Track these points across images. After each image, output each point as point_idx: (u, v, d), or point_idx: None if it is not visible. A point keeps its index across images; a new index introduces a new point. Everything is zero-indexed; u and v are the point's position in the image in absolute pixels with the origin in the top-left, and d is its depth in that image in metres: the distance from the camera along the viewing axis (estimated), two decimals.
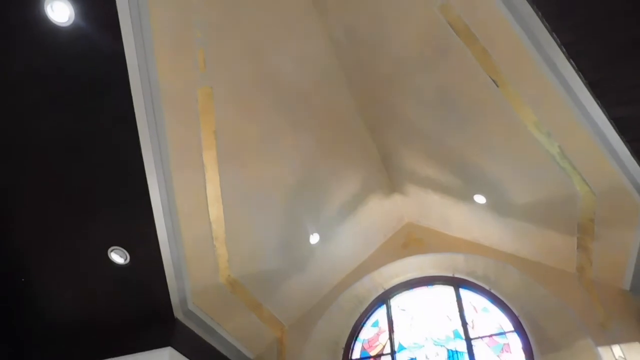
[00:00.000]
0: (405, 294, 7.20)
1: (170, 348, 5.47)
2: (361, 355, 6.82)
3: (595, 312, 5.74)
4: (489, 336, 6.34)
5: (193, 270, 5.47)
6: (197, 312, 5.83)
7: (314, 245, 6.62)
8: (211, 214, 5.35)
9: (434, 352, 6.47)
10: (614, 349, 5.50)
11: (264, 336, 6.94)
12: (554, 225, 5.78)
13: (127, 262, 5.14)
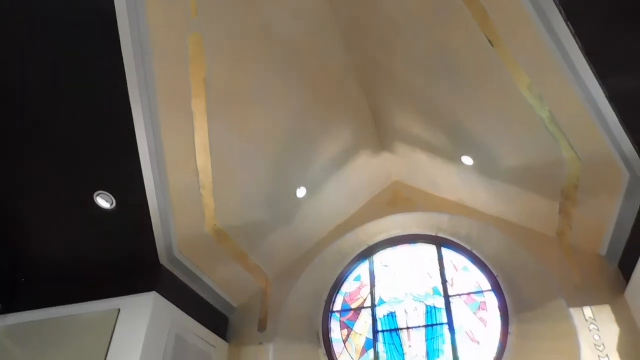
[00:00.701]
0: (388, 251, 7.34)
1: (155, 293, 5.56)
2: (342, 307, 7.01)
3: (571, 275, 5.91)
4: (467, 294, 6.53)
5: (179, 217, 5.50)
6: (182, 259, 5.90)
7: (301, 199, 6.66)
8: (199, 162, 5.33)
9: (413, 307, 6.66)
10: (584, 310, 5.69)
11: (248, 286, 7.07)
12: (538, 190, 5.86)
13: (113, 207, 5.14)
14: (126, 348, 5.22)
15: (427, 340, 6.33)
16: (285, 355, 6.53)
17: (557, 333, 5.66)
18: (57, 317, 5.73)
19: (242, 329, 6.96)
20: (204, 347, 6.27)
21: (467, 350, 6.09)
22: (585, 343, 5.46)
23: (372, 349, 6.45)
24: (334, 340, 6.69)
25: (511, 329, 5.94)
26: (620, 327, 5.45)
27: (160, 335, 5.52)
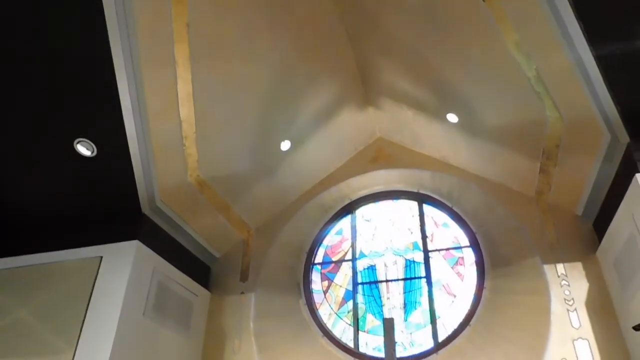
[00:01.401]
0: (370, 206, 7.42)
1: (138, 241, 5.59)
2: (323, 259, 7.13)
3: (547, 234, 6.08)
4: (446, 249, 6.68)
5: (161, 167, 5.46)
6: (164, 209, 5.90)
7: (285, 151, 6.64)
8: (181, 112, 5.24)
9: (393, 261, 6.81)
10: (557, 267, 5.89)
11: (230, 237, 7.13)
12: (520, 149, 5.92)
13: (94, 155, 5.07)
14: (109, 295, 5.29)
15: (405, 293, 6.52)
16: (267, 305, 6.68)
17: (530, 288, 5.86)
18: (40, 264, 5.74)
19: (224, 279, 7.07)
20: (186, 295, 6.37)
21: (443, 303, 6.29)
22: (556, 297, 5.68)
23: (352, 300, 6.62)
24: (314, 292, 6.84)
25: (486, 283, 6.13)
26: (590, 283, 5.67)
27: (142, 283, 5.58)
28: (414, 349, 6.07)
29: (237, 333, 6.55)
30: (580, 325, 5.47)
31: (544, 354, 5.39)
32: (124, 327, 5.14)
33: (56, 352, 5.07)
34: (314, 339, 6.29)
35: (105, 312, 5.17)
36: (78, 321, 5.19)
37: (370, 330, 6.35)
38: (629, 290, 4.92)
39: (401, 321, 6.30)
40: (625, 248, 4.92)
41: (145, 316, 5.53)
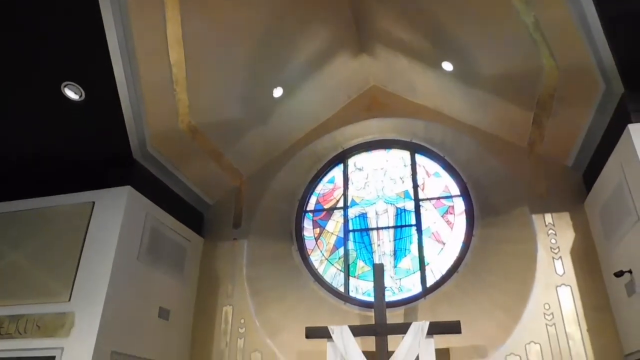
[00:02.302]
0: (363, 155, 7.42)
1: (130, 187, 5.59)
2: (315, 207, 7.20)
3: (537, 184, 6.14)
4: (437, 199, 6.75)
5: (152, 112, 5.39)
6: (156, 155, 5.88)
7: (277, 98, 6.55)
8: (171, 56, 5.12)
9: (384, 209, 6.89)
10: (545, 216, 6.00)
11: (222, 184, 7.15)
12: (515, 99, 5.88)
13: (83, 99, 4.98)
14: (102, 239, 5.35)
15: (395, 240, 6.64)
16: (259, 251, 6.79)
17: (517, 237, 5.98)
18: (33, 209, 5.77)
19: (217, 226, 7.15)
20: (179, 241, 6.45)
21: (432, 250, 6.42)
22: (542, 246, 5.82)
23: (343, 247, 6.75)
24: (306, 238, 6.95)
25: (475, 232, 6.24)
26: (576, 233, 5.80)
27: (135, 228, 5.64)
28: (402, 294, 6.25)
29: (230, 278, 6.69)
30: (564, 273, 5.64)
31: (528, 299, 5.57)
32: (118, 270, 5.23)
33: (53, 295, 5.18)
34: (306, 284, 6.44)
35: (99, 256, 5.25)
36: (73, 264, 5.27)
37: (360, 276, 6.51)
38: (613, 239, 5.03)
39: (391, 267, 6.45)
40: (612, 198, 5.00)
41: (139, 260, 5.62)
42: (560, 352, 5.27)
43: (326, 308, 6.17)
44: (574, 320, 5.39)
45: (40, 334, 4.99)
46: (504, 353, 5.40)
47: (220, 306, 6.54)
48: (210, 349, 6.33)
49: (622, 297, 4.95)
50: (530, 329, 5.45)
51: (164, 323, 5.91)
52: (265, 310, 6.36)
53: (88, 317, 4.93)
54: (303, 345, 5.87)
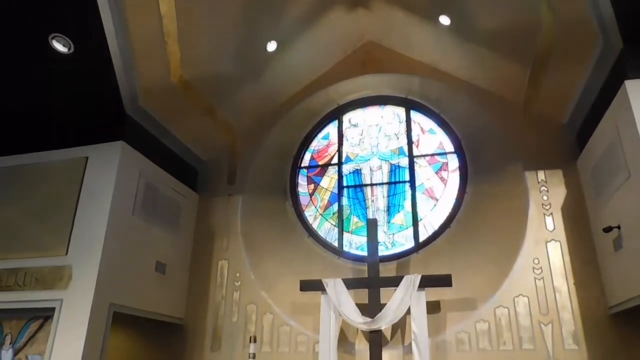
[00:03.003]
0: (358, 111, 7.37)
1: (122, 142, 5.56)
2: (310, 164, 7.20)
3: (531, 142, 6.16)
4: (431, 155, 6.77)
5: (143, 66, 5.29)
6: (148, 110, 5.82)
7: (271, 53, 6.43)
8: (162, 7, 4.98)
9: (378, 165, 6.91)
10: (538, 173, 6.05)
11: (216, 140, 7.12)
12: (512, 55, 5.81)
13: (71, 52, 4.87)
14: (97, 194, 5.36)
15: (389, 196, 6.69)
16: (254, 207, 6.84)
17: (510, 193, 6.04)
18: (26, 165, 5.75)
19: (212, 182, 7.17)
20: (174, 196, 6.48)
21: (425, 206, 6.48)
22: (534, 202, 5.89)
23: (337, 203, 6.80)
24: (300, 194, 6.99)
25: (469, 188, 6.29)
26: (568, 190, 5.87)
27: (130, 184, 5.64)
28: (395, 249, 6.35)
29: (225, 233, 6.77)
30: (555, 228, 5.74)
31: (518, 254, 5.70)
32: (114, 224, 5.27)
33: (50, 249, 5.23)
34: (300, 239, 6.53)
35: (94, 211, 5.27)
36: (68, 219, 5.30)
37: (354, 231, 6.59)
38: (603, 196, 5.10)
39: (384, 223, 6.53)
40: (604, 156, 5.03)
41: (135, 215, 5.65)
42: (547, 304, 5.44)
43: (320, 262, 6.28)
44: (562, 274, 5.53)
45: (39, 287, 5.07)
46: (493, 305, 5.56)
47: (215, 260, 6.65)
48: (206, 301, 6.47)
49: (609, 252, 5.06)
50: (519, 282, 5.59)
51: (161, 277, 6.01)
52: (260, 264, 6.48)
53: (85, 270, 5.00)
54: (297, 298, 6.01)
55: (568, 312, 5.37)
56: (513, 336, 5.41)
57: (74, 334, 4.74)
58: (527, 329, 5.40)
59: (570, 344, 5.25)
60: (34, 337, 4.98)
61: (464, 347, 5.49)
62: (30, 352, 4.93)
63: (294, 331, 6.02)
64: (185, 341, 6.32)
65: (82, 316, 4.80)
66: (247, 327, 6.17)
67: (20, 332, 5.04)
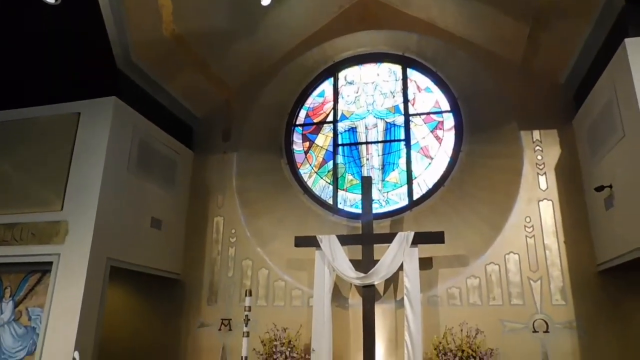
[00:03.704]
0: (354, 68, 7.27)
1: (115, 98, 5.49)
2: (305, 121, 7.16)
3: (527, 101, 6.14)
4: (427, 114, 6.73)
5: (134, 19, 5.16)
6: (140, 65, 5.72)
7: (266, 7, 6.22)
8: None
9: (373, 124, 6.88)
10: (534, 133, 6.06)
11: (211, 96, 7.03)
12: (512, 11, 5.69)
13: (59, 2, 4.71)
14: (91, 151, 5.33)
15: (384, 155, 6.70)
16: (249, 164, 6.84)
17: (504, 152, 6.07)
18: (17, 120, 5.69)
19: (207, 139, 7.13)
20: (169, 153, 6.45)
21: (420, 164, 6.51)
22: (528, 161, 5.93)
23: (332, 161, 6.80)
24: (295, 152, 6.98)
25: (463, 147, 6.30)
26: (562, 150, 5.90)
27: (124, 140, 5.60)
28: (389, 206, 6.41)
29: (220, 190, 6.80)
30: (547, 188, 5.80)
31: (511, 212, 5.77)
32: (108, 180, 5.27)
33: (45, 204, 5.25)
34: (295, 196, 6.57)
35: (89, 167, 5.26)
36: (63, 175, 5.29)
37: (349, 189, 6.63)
38: (597, 155, 5.13)
39: (379, 181, 6.56)
40: (600, 115, 5.02)
41: (130, 172, 5.65)
42: (537, 261, 5.56)
43: (315, 219, 6.34)
44: (553, 232, 5.63)
45: (36, 241, 5.11)
46: (484, 262, 5.68)
47: (211, 217, 6.70)
48: (202, 257, 6.56)
49: (600, 211, 5.14)
50: (511, 240, 5.70)
51: (157, 232, 6.06)
52: (255, 221, 6.54)
53: (82, 225, 5.04)
54: (292, 254, 6.11)
55: (557, 269, 5.50)
56: (503, 292, 5.55)
57: (73, 287, 4.83)
58: (516, 285, 5.54)
59: (558, 299, 5.40)
60: (33, 290, 5.07)
61: (454, 302, 5.63)
62: (30, 305, 5.03)
63: (289, 286, 6.15)
64: (182, 295, 6.45)
65: (79, 270, 4.87)
66: (242, 281, 6.30)
67: (20, 285, 5.12)
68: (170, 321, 6.34)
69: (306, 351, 5.49)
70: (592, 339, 5.18)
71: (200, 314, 6.33)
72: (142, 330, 6.37)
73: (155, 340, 6.28)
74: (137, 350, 6.24)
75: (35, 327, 4.91)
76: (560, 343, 5.25)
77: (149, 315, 6.44)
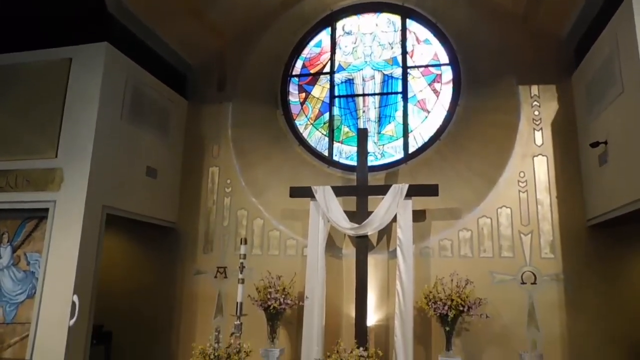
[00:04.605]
0: (352, 18, 7.09)
1: (107, 44, 5.37)
2: (301, 72, 7.04)
3: (527, 55, 6.07)
4: (425, 66, 6.64)
5: None
6: (133, 10, 5.57)
7: None
8: None
9: (371, 75, 6.79)
10: (532, 88, 6.02)
11: (205, 45, 6.89)
12: None
13: None
14: (83, 98, 5.26)
15: (380, 107, 6.64)
16: (244, 114, 6.78)
17: (502, 107, 6.04)
18: (6, 65, 5.56)
19: (201, 88, 7.04)
20: (162, 101, 6.38)
21: (416, 118, 6.47)
22: (524, 116, 5.93)
23: (328, 112, 6.75)
24: (291, 103, 6.90)
25: (461, 101, 6.25)
26: (560, 105, 5.89)
27: (117, 87, 5.52)
28: (385, 159, 6.41)
29: (215, 140, 6.77)
30: (543, 143, 5.82)
31: (505, 167, 5.82)
32: (102, 128, 5.23)
33: (39, 151, 5.22)
34: (290, 147, 6.55)
35: (82, 114, 5.21)
36: (56, 122, 5.24)
37: (344, 141, 6.61)
38: (595, 111, 5.12)
39: (375, 133, 6.54)
40: (600, 70, 4.98)
41: (123, 120, 5.60)
42: (529, 215, 5.65)
43: (310, 170, 6.36)
44: (546, 188, 5.70)
45: (32, 188, 5.12)
46: (477, 215, 5.77)
47: (206, 167, 6.71)
48: (197, 207, 6.61)
49: (593, 167, 5.18)
50: (504, 194, 5.76)
51: (152, 181, 6.07)
52: (251, 171, 6.55)
53: (77, 173, 5.04)
54: (287, 204, 6.17)
55: (548, 223, 5.60)
56: (493, 244, 5.67)
57: (69, 233, 4.88)
58: (507, 238, 5.65)
59: (547, 253, 5.53)
60: (31, 236, 5.12)
61: (446, 254, 5.75)
62: (28, 250, 5.09)
63: (284, 236, 6.24)
64: (178, 244, 6.54)
65: (76, 217, 4.91)
66: (238, 231, 6.38)
67: (17, 231, 5.17)
68: (166, 268, 6.46)
69: (300, 298, 5.63)
70: (577, 290, 5.36)
71: (195, 261, 6.44)
72: (139, 276, 6.50)
73: (152, 286, 6.43)
74: (134, 296, 6.40)
75: (34, 271, 5.00)
76: (546, 294, 5.42)
77: (145, 263, 6.56)
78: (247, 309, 5.05)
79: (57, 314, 4.68)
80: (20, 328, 4.88)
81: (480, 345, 5.42)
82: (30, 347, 4.68)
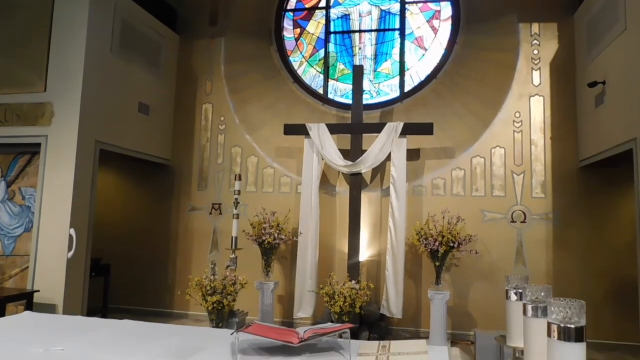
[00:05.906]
0: None
1: None
2: (296, 6, 6.80)
3: None
4: (423, 2, 6.43)
5: None
6: None
7: None
8: None
9: (368, 11, 6.58)
10: (532, 26, 5.89)
11: None
12: None
13: None
14: (70, 30, 5.07)
15: (377, 44, 6.49)
16: (237, 50, 6.62)
17: (501, 45, 5.92)
18: None
19: (193, 23, 6.82)
20: (153, 36, 6.19)
21: (413, 55, 6.34)
22: (523, 55, 5.83)
23: (323, 49, 6.59)
24: (286, 39, 6.71)
25: (459, 39, 6.11)
26: (560, 45, 5.78)
27: (105, 19, 5.32)
28: (380, 97, 6.33)
29: (208, 76, 6.65)
30: (540, 83, 5.76)
31: (501, 107, 5.79)
32: (91, 61, 5.09)
33: (27, 85, 5.09)
34: (284, 84, 6.44)
35: (70, 47, 5.05)
36: (43, 55, 5.09)
37: (340, 78, 6.50)
38: (594, 50, 5.04)
39: (370, 71, 6.42)
40: (604, 6, 4.85)
41: (113, 54, 5.45)
42: (522, 155, 5.68)
43: (304, 108, 6.29)
44: (540, 128, 5.70)
45: (22, 122, 5.04)
46: (470, 155, 5.80)
47: (199, 104, 6.62)
48: (191, 144, 6.58)
49: (589, 108, 5.17)
50: (498, 134, 5.77)
51: (145, 117, 6.00)
52: (244, 108, 6.48)
53: (67, 107, 4.95)
54: (281, 142, 6.15)
55: (540, 163, 5.64)
56: (486, 184, 5.73)
57: (63, 168, 4.86)
58: (499, 178, 5.71)
59: (538, 192, 5.61)
60: (24, 170, 5.11)
61: (438, 192, 5.82)
62: (22, 185, 5.09)
63: (278, 173, 6.26)
64: (172, 180, 6.56)
65: (68, 152, 4.87)
66: (232, 168, 6.39)
67: (10, 166, 5.14)
68: (161, 205, 6.52)
69: (294, 234, 5.73)
70: (565, 229, 5.49)
71: (190, 198, 6.49)
72: (135, 212, 6.58)
73: (148, 222, 6.52)
74: (131, 232, 6.50)
75: (29, 206, 5.02)
76: (535, 232, 5.55)
77: (141, 199, 6.61)
78: (242, 243, 5.18)
79: (55, 247, 4.75)
80: (20, 260, 4.97)
81: (469, 281, 5.60)
82: (31, 278, 4.79)
